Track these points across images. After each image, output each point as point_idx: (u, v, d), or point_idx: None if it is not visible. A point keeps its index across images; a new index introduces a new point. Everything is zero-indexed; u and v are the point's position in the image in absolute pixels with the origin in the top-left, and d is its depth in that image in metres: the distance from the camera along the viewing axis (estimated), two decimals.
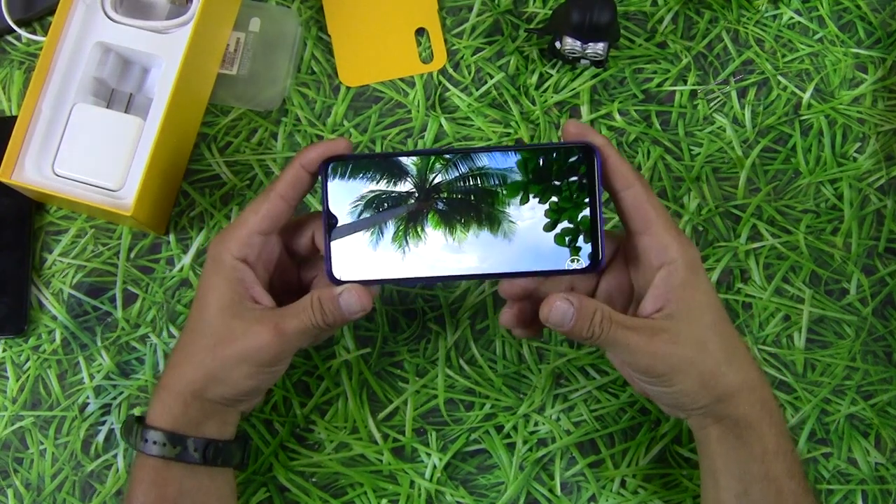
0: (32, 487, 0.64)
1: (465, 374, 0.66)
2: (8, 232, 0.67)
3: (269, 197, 0.56)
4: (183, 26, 0.63)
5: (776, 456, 0.55)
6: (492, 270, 0.56)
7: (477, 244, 0.56)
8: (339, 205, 0.56)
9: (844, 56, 0.72)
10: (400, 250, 0.56)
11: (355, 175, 0.56)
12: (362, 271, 0.56)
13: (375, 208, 0.56)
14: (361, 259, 0.56)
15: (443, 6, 0.72)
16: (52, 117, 0.63)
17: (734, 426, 0.55)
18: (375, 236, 0.56)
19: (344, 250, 0.56)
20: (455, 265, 0.56)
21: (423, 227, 0.56)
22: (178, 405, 0.56)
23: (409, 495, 0.65)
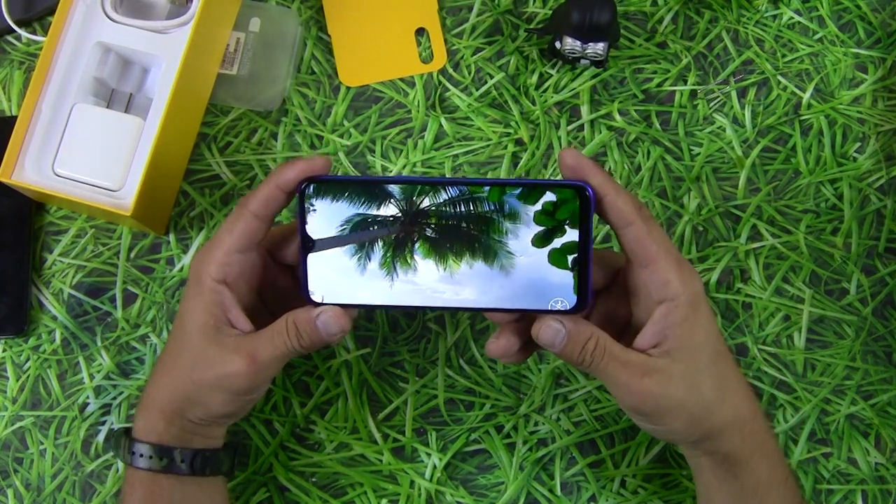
0: (32, 487, 0.64)
1: (465, 374, 0.66)
2: (8, 232, 0.67)
3: (244, 215, 0.54)
4: (183, 26, 0.63)
5: (769, 488, 0.55)
6: (478, 305, 0.54)
7: (470, 275, 0.54)
8: (316, 226, 0.54)
9: (844, 56, 0.72)
10: (388, 277, 0.54)
11: (335, 196, 0.54)
12: (342, 294, 0.54)
13: (357, 230, 0.55)
14: (342, 281, 0.54)
15: (443, 6, 0.72)
16: (52, 117, 0.63)
17: (724, 461, 0.55)
18: (361, 261, 0.55)
19: (322, 271, 0.54)
20: (442, 296, 0.54)
21: (412, 254, 0.54)
22: (161, 421, 0.55)
23: (409, 495, 0.65)
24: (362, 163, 0.69)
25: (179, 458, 0.55)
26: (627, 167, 0.70)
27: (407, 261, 0.54)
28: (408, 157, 0.69)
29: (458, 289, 0.54)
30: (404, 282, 0.54)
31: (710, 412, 0.54)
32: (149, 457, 0.55)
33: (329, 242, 0.55)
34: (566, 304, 0.53)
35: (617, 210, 0.52)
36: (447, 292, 0.54)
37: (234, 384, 0.54)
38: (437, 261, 0.54)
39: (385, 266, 0.54)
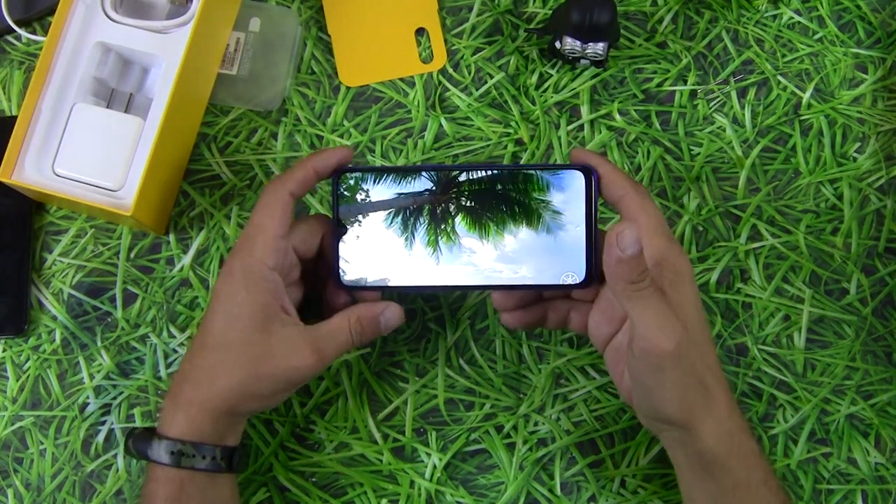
0: (32, 487, 0.64)
1: (465, 373, 0.66)
2: (8, 232, 0.67)
3: (282, 198, 0.55)
4: (183, 26, 0.63)
5: (748, 489, 0.55)
6: (491, 282, 0.58)
7: (517, 244, 0.58)
8: (348, 214, 0.58)
9: (844, 56, 0.72)
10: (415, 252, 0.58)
11: (366, 186, 0.58)
12: (372, 274, 0.58)
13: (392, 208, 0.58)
14: (375, 265, 0.58)
15: (443, 6, 0.72)
16: (52, 117, 0.63)
17: (700, 459, 0.55)
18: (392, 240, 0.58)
19: (354, 256, 0.58)
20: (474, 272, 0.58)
21: (453, 228, 0.58)
22: (207, 420, 0.55)
23: (409, 495, 0.65)
24: (362, 163, 0.69)
25: (220, 456, 0.55)
26: (627, 167, 0.70)
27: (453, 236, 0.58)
28: (408, 157, 0.69)
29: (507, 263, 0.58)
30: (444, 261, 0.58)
31: (696, 394, 0.54)
32: (190, 455, 0.54)
33: (360, 212, 0.58)
34: (576, 279, 0.57)
35: (613, 181, 0.56)
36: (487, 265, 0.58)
37: (299, 376, 0.55)
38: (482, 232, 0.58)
39: (430, 244, 0.58)
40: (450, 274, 0.58)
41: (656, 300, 0.52)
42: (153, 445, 0.55)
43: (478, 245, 0.58)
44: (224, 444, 0.56)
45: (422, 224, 0.58)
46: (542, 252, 0.58)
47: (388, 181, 0.58)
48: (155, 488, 0.55)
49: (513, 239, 0.58)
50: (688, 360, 0.53)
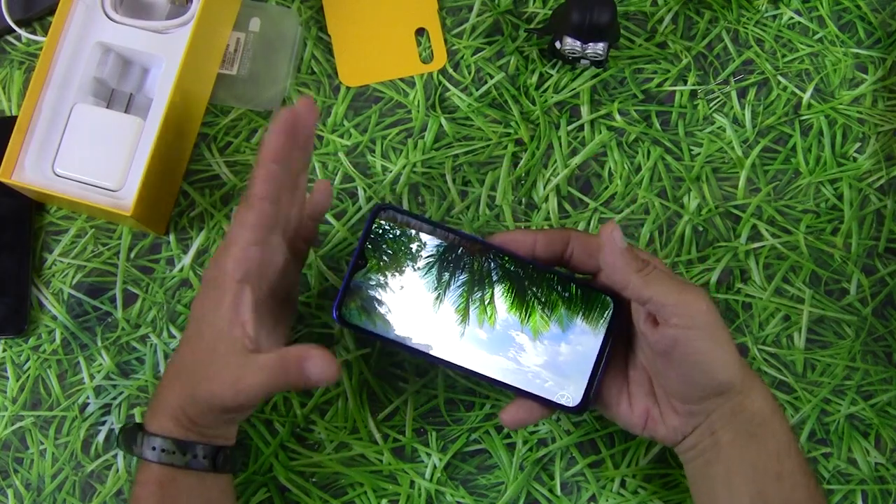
0: (32, 487, 0.64)
1: None
2: (8, 232, 0.67)
3: (251, 203, 0.53)
4: (183, 26, 0.63)
5: (789, 453, 0.55)
6: (506, 380, 0.57)
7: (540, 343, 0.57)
8: (376, 250, 0.57)
9: (844, 56, 0.72)
10: (440, 313, 0.57)
11: (401, 230, 0.57)
12: (369, 321, 0.56)
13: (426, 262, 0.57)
14: (376, 306, 0.56)
15: (443, 6, 0.72)
16: (52, 117, 0.63)
17: (748, 423, 0.55)
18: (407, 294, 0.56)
19: (363, 293, 0.56)
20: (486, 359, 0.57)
21: (492, 302, 0.57)
22: (181, 420, 0.55)
23: (409, 495, 0.65)
24: (362, 163, 0.69)
25: (202, 454, 0.55)
26: (627, 167, 0.70)
27: (490, 308, 0.57)
28: (408, 157, 0.69)
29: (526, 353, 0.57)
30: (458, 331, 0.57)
31: (737, 356, 0.55)
32: (171, 452, 0.54)
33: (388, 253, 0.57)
34: (570, 402, 0.57)
35: (548, 247, 0.57)
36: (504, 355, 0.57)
37: (216, 403, 0.53)
38: (520, 312, 0.57)
39: (460, 311, 0.57)
40: (465, 350, 0.56)
41: (666, 276, 0.54)
42: (138, 440, 0.55)
43: (509, 325, 0.57)
44: (209, 443, 0.55)
45: (458, 287, 0.57)
46: (551, 362, 0.57)
47: (427, 234, 0.57)
48: (140, 489, 0.55)
49: (537, 333, 0.57)
50: (720, 320, 0.54)
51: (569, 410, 0.57)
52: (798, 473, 0.55)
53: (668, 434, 0.57)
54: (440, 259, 0.57)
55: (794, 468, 0.55)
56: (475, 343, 0.57)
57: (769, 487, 0.54)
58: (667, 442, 0.58)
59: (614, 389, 0.58)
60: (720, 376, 0.54)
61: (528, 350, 0.57)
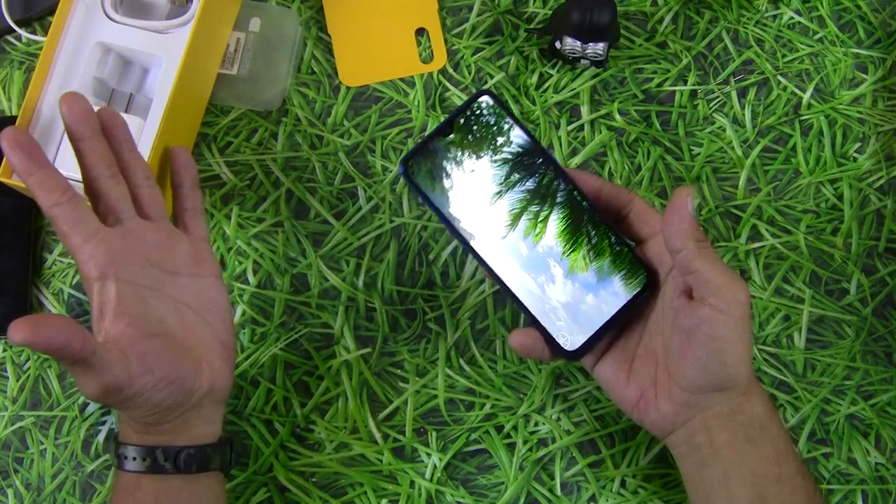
0: (32, 487, 0.64)
1: (465, 374, 0.66)
2: (8, 232, 0.67)
3: (54, 214, 0.52)
4: (183, 26, 0.63)
5: (787, 458, 0.55)
6: (517, 290, 0.57)
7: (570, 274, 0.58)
8: (465, 129, 0.58)
9: (844, 56, 0.72)
10: (492, 209, 0.57)
11: (495, 120, 0.58)
12: (429, 186, 0.57)
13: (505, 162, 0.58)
14: (440, 177, 0.57)
15: (443, 6, 0.72)
16: (52, 117, 0.63)
17: (747, 427, 0.55)
18: (485, 184, 0.57)
19: (434, 164, 0.57)
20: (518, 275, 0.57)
21: (546, 221, 0.57)
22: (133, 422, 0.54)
23: (409, 495, 0.65)
24: (363, 163, 0.69)
25: (162, 457, 0.54)
26: (627, 167, 0.70)
27: (541, 225, 0.58)
28: None
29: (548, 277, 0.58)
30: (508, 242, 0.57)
31: (750, 358, 0.55)
32: (132, 458, 0.54)
33: (476, 134, 0.58)
34: (567, 345, 0.57)
35: (609, 199, 0.58)
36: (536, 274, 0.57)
37: None
38: (565, 239, 0.58)
39: (513, 215, 0.57)
40: (501, 253, 0.57)
41: (719, 259, 0.54)
42: (111, 449, 0.56)
43: (551, 252, 0.57)
44: (170, 444, 0.54)
45: (521, 192, 0.57)
46: (571, 305, 0.57)
47: (516, 136, 0.58)
48: (112, 495, 0.55)
49: (573, 270, 0.57)
50: (750, 318, 0.54)
51: (561, 352, 0.57)
52: (797, 477, 0.55)
53: (657, 420, 0.57)
54: (516, 161, 0.57)
55: (792, 472, 0.55)
56: (513, 253, 0.57)
57: (768, 491, 0.54)
58: (655, 430, 0.58)
59: (617, 360, 0.58)
60: (731, 370, 0.54)
61: (557, 283, 0.57)
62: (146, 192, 0.57)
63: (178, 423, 0.55)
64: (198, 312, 0.57)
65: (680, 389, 0.56)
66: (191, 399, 0.55)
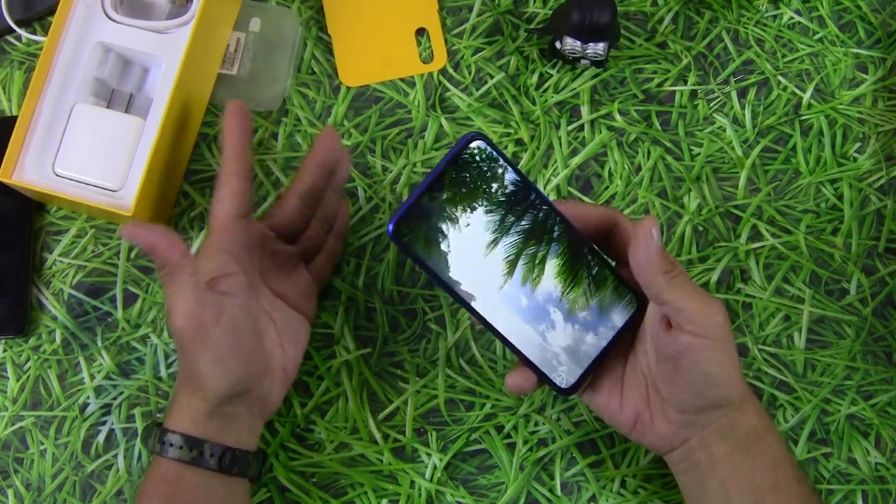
0: (33, 488, 0.64)
1: (466, 374, 0.66)
2: (8, 232, 0.67)
3: (224, 179, 0.58)
4: (183, 26, 0.63)
5: (783, 464, 0.55)
6: (518, 345, 0.56)
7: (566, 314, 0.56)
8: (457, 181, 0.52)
9: (844, 56, 0.72)
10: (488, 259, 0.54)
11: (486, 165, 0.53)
12: (421, 247, 0.52)
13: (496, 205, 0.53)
14: (434, 236, 0.52)
15: (443, 6, 0.72)
16: (52, 117, 0.63)
17: (743, 438, 0.55)
18: (477, 238, 0.53)
19: (427, 223, 0.52)
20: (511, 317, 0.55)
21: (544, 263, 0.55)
22: (200, 413, 0.56)
23: (409, 495, 0.65)
24: (363, 163, 0.69)
25: (209, 452, 0.55)
26: (627, 167, 0.70)
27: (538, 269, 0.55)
28: (408, 157, 0.69)
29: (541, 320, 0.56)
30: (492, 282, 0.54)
31: (737, 371, 0.55)
32: (179, 446, 0.55)
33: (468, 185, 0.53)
34: (563, 382, 0.57)
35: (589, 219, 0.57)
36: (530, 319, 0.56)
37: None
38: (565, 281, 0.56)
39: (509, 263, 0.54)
40: (501, 308, 0.54)
41: (691, 284, 0.54)
42: (153, 435, 0.56)
43: (549, 296, 0.55)
44: (221, 443, 0.56)
45: (517, 236, 0.54)
46: (571, 340, 0.56)
47: (511, 181, 0.53)
48: (147, 483, 0.56)
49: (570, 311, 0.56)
50: (732, 335, 0.54)
51: (557, 390, 0.56)
52: (793, 483, 0.55)
53: (655, 441, 0.57)
54: (510, 205, 0.53)
55: (789, 478, 0.55)
56: (513, 305, 0.55)
57: (765, 498, 0.55)
58: (653, 449, 0.58)
59: (607, 386, 0.58)
60: (723, 390, 0.54)
61: (557, 328, 0.56)
62: (314, 229, 0.63)
63: (231, 418, 0.57)
64: (279, 333, 0.59)
65: (675, 411, 0.56)
66: (252, 394, 0.57)
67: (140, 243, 0.53)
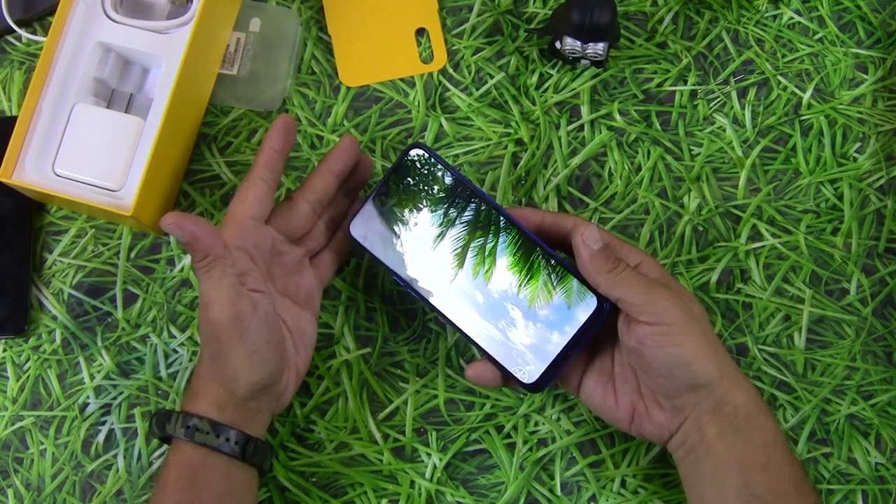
0: (32, 487, 0.64)
1: None
2: (8, 232, 0.67)
3: (252, 181, 0.59)
4: (183, 26, 0.63)
5: (775, 445, 0.56)
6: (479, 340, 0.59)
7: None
8: (399, 185, 0.60)
9: (844, 56, 0.72)
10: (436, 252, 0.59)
11: (428, 174, 0.60)
12: (382, 251, 0.59)
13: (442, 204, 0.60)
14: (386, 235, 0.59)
15: (443, 6, 0.72)
16: (52, 117, 0.63)
17: (733, 418, 0.56)
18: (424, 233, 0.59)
19: (378, 222, 0.60)
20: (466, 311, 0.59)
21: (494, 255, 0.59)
22: (227, 403, 0.56)
23: (409, 495, 0.65)
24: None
25: (234, 439, 0.56)
26: (627, 167, 0.70)
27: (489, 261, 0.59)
28: None
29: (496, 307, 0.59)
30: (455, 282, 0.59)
31: (725, 355, 0.57)
32: (205, 432, 0.55)
33: (412, 188, 0.60)
34: (526, 378, 0.58)
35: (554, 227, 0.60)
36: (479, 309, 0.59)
37: None
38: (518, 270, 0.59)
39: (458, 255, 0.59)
40: (459, 303, 0.59)
41: (635, 276, 0.56)
42: (172, 420, 0.56)
43: (505, 293, 0.58)
44: (242, 430, 0.57)
45: (461, 228, 0.59)
46: (524, 333, 0.58)
47: (451, 182, 0.59)
48: (168, 472, 0.56)
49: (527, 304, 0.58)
50: (693, 313, 0.56)
51: (522, 385, 0.58)
52: (784, 464, 0.56)
53: (654, 431, 0.58)
54: (453, 202, 0.59)
55: (780, 459, 0.56)
56: (469, 300, 0.59)
57: (755, 478, 0.55)
58: (654, 439, 0.59)
59: (599, 385, 0.60)
60: (697, 367, 0.55)
61: (516, 324, 0.58)
62: (320, 229, 0.64)
63: (253, 412, 0.57)
64: (291, 332, 0.60)
65: (663, 397, 0.57)
66: (273, 390, 0.58)
67: (182, 234, 0.53)
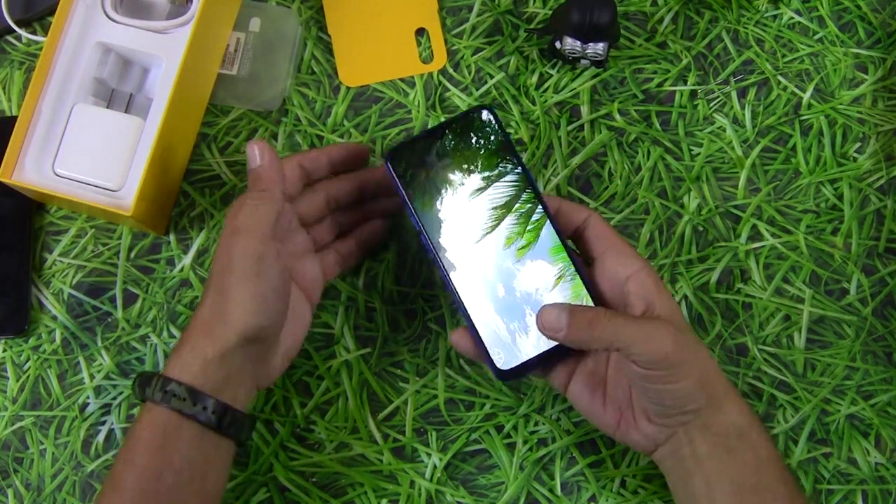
0: (32, 487, 0.64)
1: (466, 373, 0.66)
2: (8, 232, 0.67)
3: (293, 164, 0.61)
4: (183, 26, 0.63)
5: (769, 463, 0.55)
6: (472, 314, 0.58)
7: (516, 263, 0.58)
8: (457, 132, 0.58)
9: (844, 56, 0.72)
10: (469, 207, 0.58)
11: (492, 133, 0.59)
12: (408, 183, 0.57)
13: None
14: (422, 173, 0.58)
15: (443, 6, 0.72)
16: (52, 117, 0.63)
17: (725, 437, 0.55)
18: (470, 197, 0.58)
19: (421, 165, 0.58)
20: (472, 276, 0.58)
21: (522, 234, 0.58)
22: (210, 358, 0.55)
23: (409, 495, 0.65)
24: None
25: (211, 409, 0.54)
26: (627, 167, 0.70)
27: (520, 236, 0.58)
28: None
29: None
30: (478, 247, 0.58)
31: (714, 372, 0.56)
32: (182, 398, 0.54)
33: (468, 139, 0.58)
34: (500, 362, 0.57)
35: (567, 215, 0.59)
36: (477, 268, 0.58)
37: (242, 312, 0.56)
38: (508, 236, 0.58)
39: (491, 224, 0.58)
40: (465, 265, 0.57)
41: (622, 318, 0.55)
42: (152, 383, 0.55)
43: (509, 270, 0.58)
44: (222, 398, 0.55)
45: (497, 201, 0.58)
46: (515, 315, 0.57)
47: (503, 155, 0.58)
48: (141, 428, 0.55)
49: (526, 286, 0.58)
50: (686, 341, 0.55)
51: (492, 368, 0.57)
52: (778, 484, 0.55)
53: (640, 440, 0.58)
54: (500, 178, 0.58)
55: (773, 480, 0.55)
56: (477, 265, 0.57)
57: (748, 499, 0.55)
58: (639, 449, 0.59)
59: (588, 387, 0.59)
60: (687, 399, 0.55)
61: (513, 309, 0.58)
62: (328, 223, 0.64)
63: (237, 371, 0.56)
64: (291, 307, 0.60)
65: (654, 416, 0.57)
66: (263, 346, 0.57)
67: (259, 158, 0.57)
